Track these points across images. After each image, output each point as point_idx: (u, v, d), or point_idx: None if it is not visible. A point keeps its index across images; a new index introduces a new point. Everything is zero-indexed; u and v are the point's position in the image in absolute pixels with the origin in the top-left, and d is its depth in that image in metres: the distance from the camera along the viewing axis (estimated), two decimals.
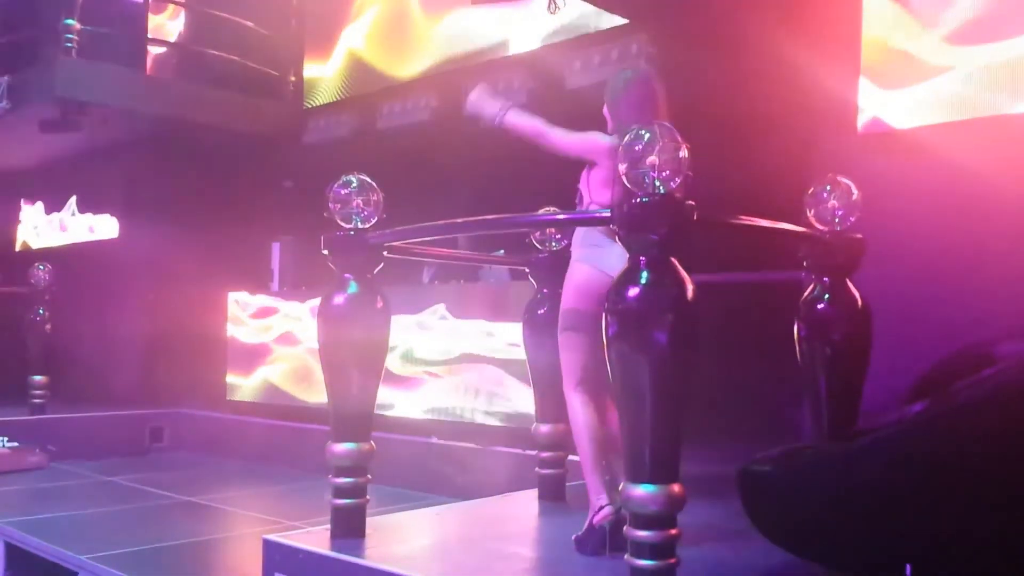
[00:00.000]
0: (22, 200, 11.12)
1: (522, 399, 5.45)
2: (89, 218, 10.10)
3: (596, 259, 3.20)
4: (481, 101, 3.28)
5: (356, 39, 8.25)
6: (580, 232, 3.33)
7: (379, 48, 8.02)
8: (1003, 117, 4.17)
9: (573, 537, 3.16)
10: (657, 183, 2.54)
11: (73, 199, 10.33)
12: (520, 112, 3.29)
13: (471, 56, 7.24)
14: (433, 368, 6.26)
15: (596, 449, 3.19)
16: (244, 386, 7.89)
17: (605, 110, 3.37)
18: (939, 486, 2.56)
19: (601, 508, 3.11)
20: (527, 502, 4.08)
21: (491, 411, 5.86)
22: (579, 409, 3.21)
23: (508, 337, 5.71)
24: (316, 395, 6.86)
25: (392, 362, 6.11)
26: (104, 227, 9.92)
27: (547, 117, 3.28)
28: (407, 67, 7.71)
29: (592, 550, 3.08)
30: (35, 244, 10.85)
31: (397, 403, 6.36)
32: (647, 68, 4.25)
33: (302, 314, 7.34)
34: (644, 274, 2.52)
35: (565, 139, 3.23)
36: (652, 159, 2.54)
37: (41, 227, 10.84)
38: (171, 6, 9.31)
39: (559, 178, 3.47)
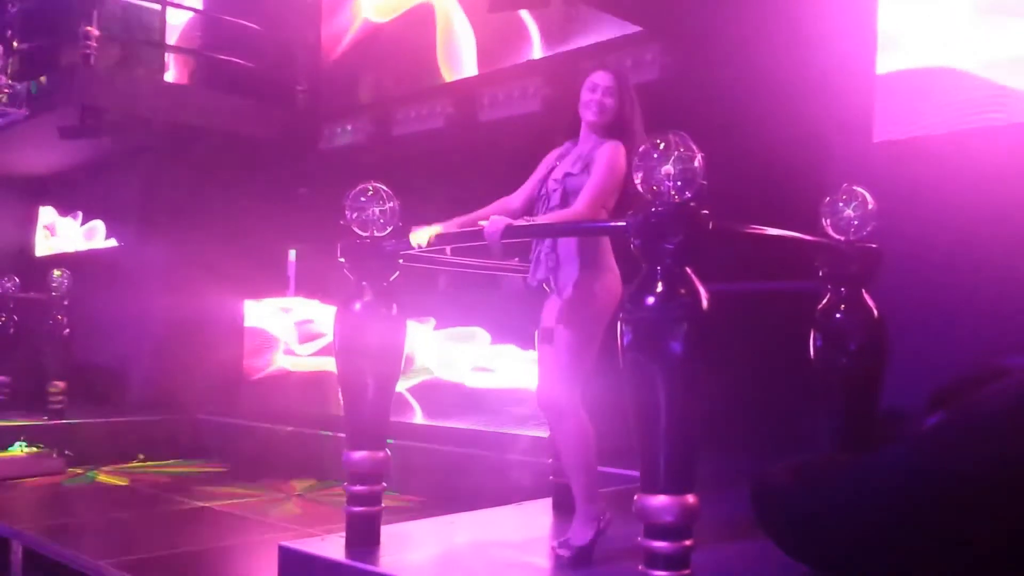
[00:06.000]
0: (40, 206, 11.19)
1: None
2: (105, 225, 10.16)
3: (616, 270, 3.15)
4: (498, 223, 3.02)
5: (373, 43, 8.29)
6: (580, 245, 3.13)
7: (397, 53, 8.05)
8: (1022, 124, 4.14)
9: (568, 552, 3.09)
10: (672, 192, 2.54)
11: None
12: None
13: (485, 62, 7.25)
14: None
15: (594, 459, 3.16)
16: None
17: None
18: (955, 498, 2.54)
19: (606, 513, 3.11)
20: (541, 511, 4.08)
21: None
22: (584, 419, 3.13)
23: None
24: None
25: None
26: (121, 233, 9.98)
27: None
28: (424, 73, 7.74)
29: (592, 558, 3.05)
30: (53, 250, 10.92)
31: None
32: (622, 69, 4.01)
33: None
34: (659, 283, 2.53)
35: (599, 187, 3.04)
36: (667, 168, 2.54)
37: (59, 233, 10.90)
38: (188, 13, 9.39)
39: None
